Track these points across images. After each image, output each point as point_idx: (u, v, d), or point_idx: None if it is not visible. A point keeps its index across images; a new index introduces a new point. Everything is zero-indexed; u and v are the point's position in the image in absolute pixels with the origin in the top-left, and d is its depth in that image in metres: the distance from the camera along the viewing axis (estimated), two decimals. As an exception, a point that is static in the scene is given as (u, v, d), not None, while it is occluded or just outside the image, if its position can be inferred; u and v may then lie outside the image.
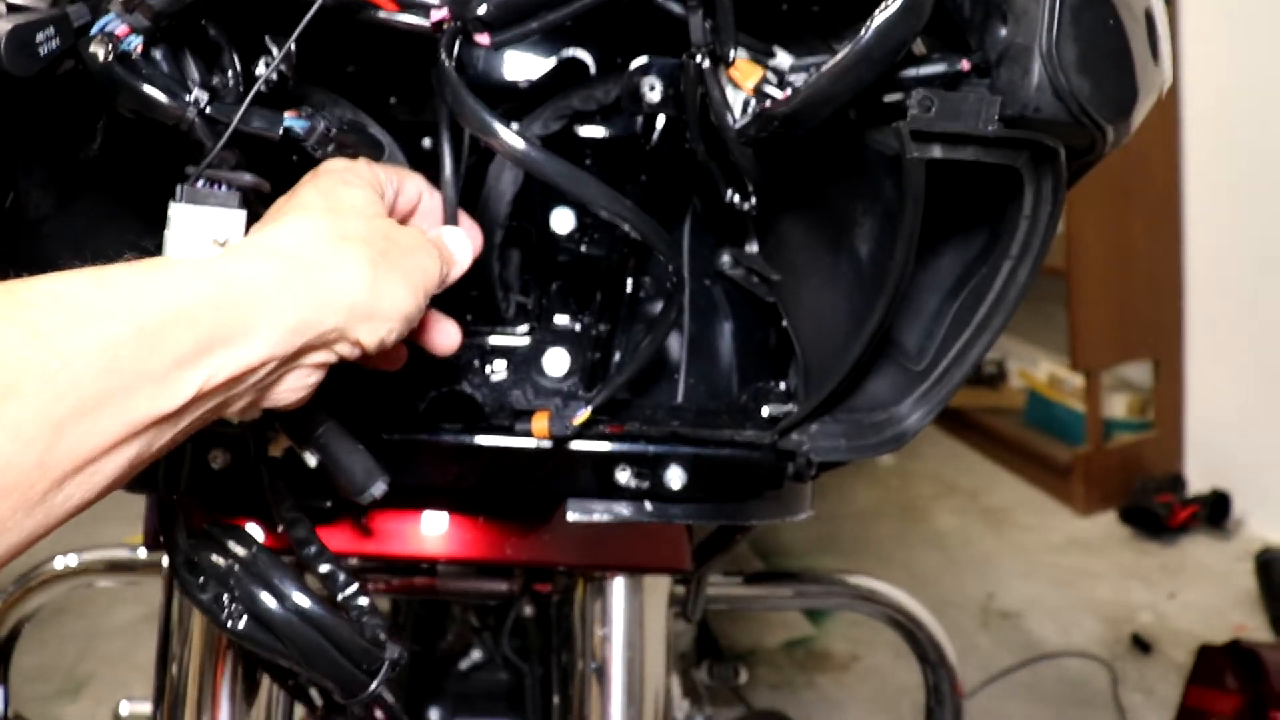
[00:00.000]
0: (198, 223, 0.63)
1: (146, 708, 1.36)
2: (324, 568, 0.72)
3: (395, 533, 0.87)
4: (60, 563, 1.32)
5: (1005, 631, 2.77)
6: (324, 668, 0.69)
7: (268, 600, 0.69)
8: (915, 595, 1.45)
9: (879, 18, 0.64)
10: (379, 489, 0.69)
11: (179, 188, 0.63)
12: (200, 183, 0.63)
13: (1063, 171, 0.69)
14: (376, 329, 0.61)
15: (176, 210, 0.63)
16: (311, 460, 0.68)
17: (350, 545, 0.87)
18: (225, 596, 0.68)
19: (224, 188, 0.64)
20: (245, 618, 0.68)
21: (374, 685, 0.70)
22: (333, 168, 0.68)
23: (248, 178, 0.64)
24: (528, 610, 1.40)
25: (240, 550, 0.70)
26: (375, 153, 0.72)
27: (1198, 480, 3.45)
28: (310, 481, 0.73)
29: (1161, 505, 3.25)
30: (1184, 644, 2.61)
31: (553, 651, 1.16)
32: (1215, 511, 3.26)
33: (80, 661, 2.73)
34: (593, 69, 0.87)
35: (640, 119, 0.86)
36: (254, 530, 0.82)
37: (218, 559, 0.70)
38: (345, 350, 0.62)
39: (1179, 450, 3.56)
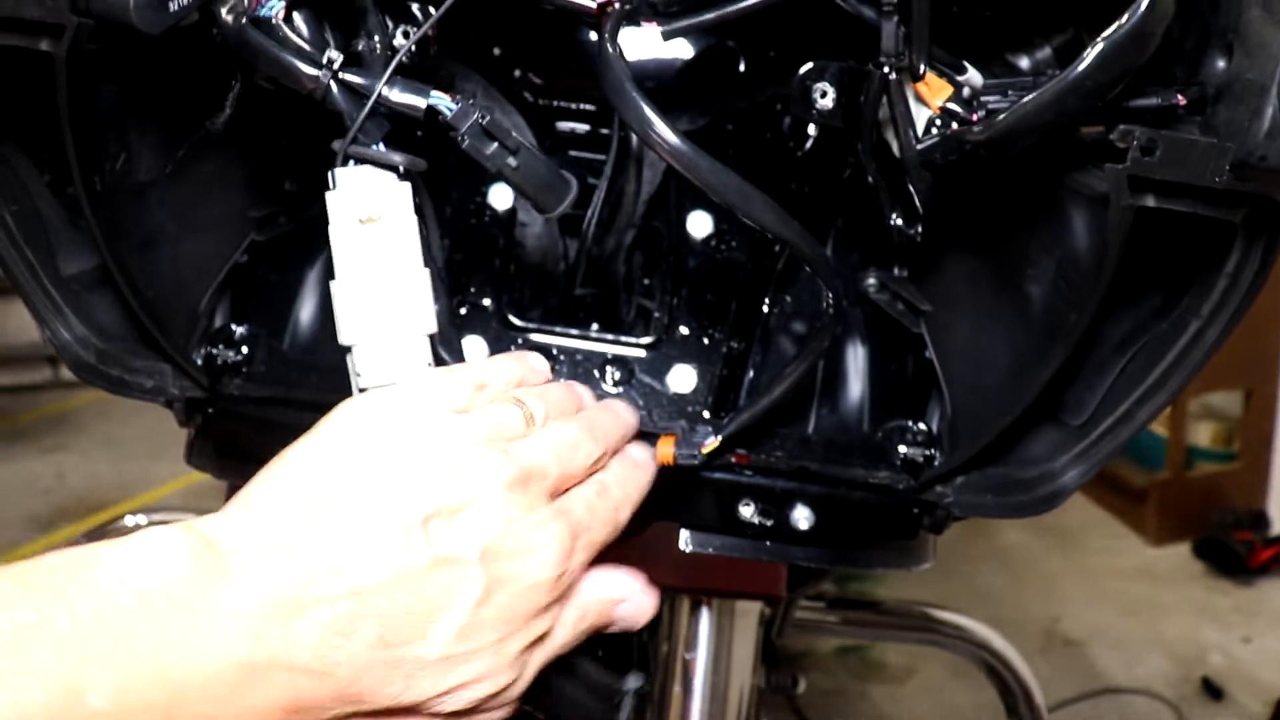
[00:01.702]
0: (357, 206, 0.57)
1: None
2: None
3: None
4: (130, 521, 1.29)
5: (1068, 659, 2.69)
6: (571, 710, 0.64)
7: None
8: (977, 614, 1.39)
9: (1101, 44, 0.56)
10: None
11: (330, 174, 0.57)
12: (353, 164, 0.57)
13: (1281, 230, 0.62)
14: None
15: (333, 200, 0.57)
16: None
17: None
18: None
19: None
20: None
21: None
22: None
23: (398, 156, 0.58)
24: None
25: None
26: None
27: (1282, 520, 3.32)
28: None
29: (1241, 543, 3.12)
30: (1258, 693, 2.51)
31: (634, 666, 1.11)
32: (1299, 555, 3.14)
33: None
34: (743, 63, 0.80)
35: (788, 122, 0.80)
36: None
37: None
38: None
39: (1264, 486, 3.43)
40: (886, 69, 0.62)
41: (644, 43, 0.78)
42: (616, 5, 0.60)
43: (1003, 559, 3.20)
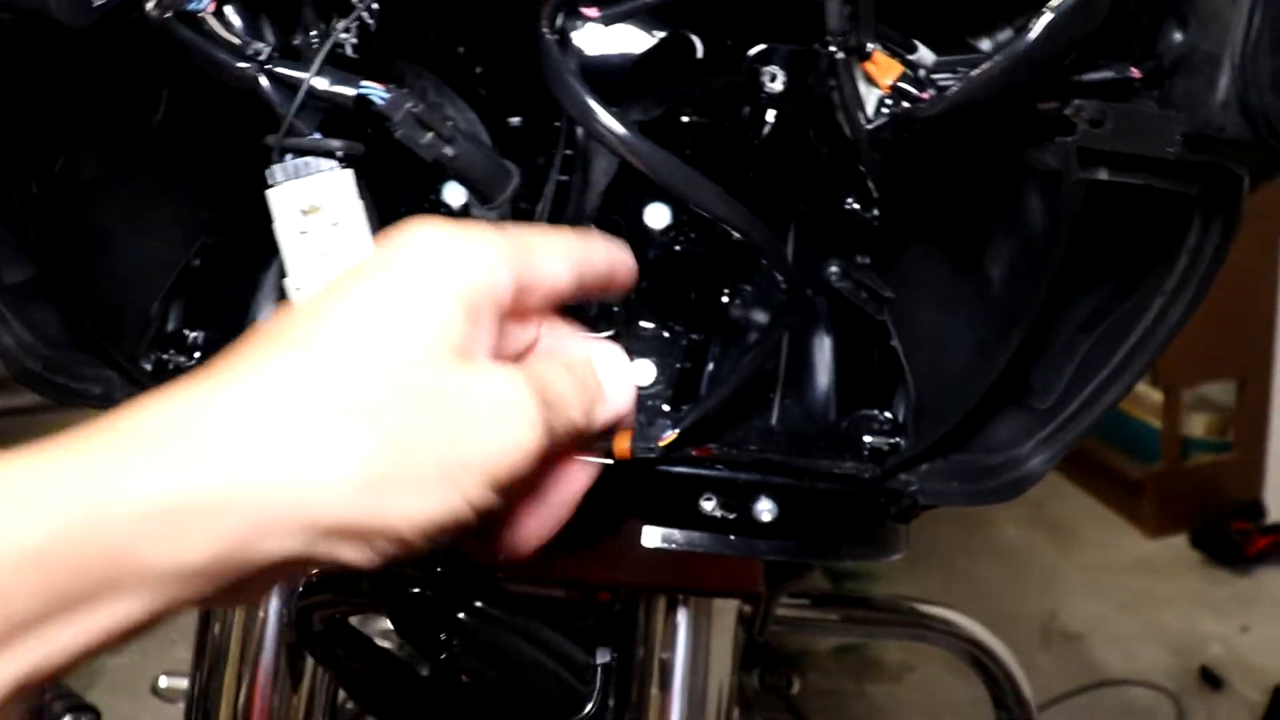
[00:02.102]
0: (299, 200, 0.56)
1: (184, 683, 1.33)
2: None
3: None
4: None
5: (1067, 653, 2.68)
6: (548, 685, 0.62)
7: (485, 627, 0.61)
8: (976, 609, 1.37)
9: (1048, 14, 0.55)
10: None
11: (267, 171, 0.56)
12: (290, 157, 0.55)
13: (1242, 202, 0.61)
14: (371, 548, 0.43)
15: (273, 196, 0.56)
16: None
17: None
18: (444, 634, 0.60)
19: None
20: (465, 649, 0.60)
21: (595, 697, 0.64)
22: (419, 251, 0.47)
23: (335, 142, 0.56)
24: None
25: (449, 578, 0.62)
26: (473, 156, 0.61)
27: (1278, 508, 3.30)
28: None
29: (1238, 532, 3.11)
30: (1257, 682, 2.49)
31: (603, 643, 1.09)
32: (1296, 543, 3.12)
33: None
34: (699, 50, 0.79)
35: (748, 110, 0.78)
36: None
37: (426, 590, 0.61)
38: (322, 564, 0.45)
39: (1259, 475, 3.41)
40: (833, 49, 0.60)
41: (598, 36, 0.77)
42: (555, -8, 0.59)
43: (1000, 554, 3.18)
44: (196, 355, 0.77)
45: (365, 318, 0.44)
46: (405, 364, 0.43)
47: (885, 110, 0.61)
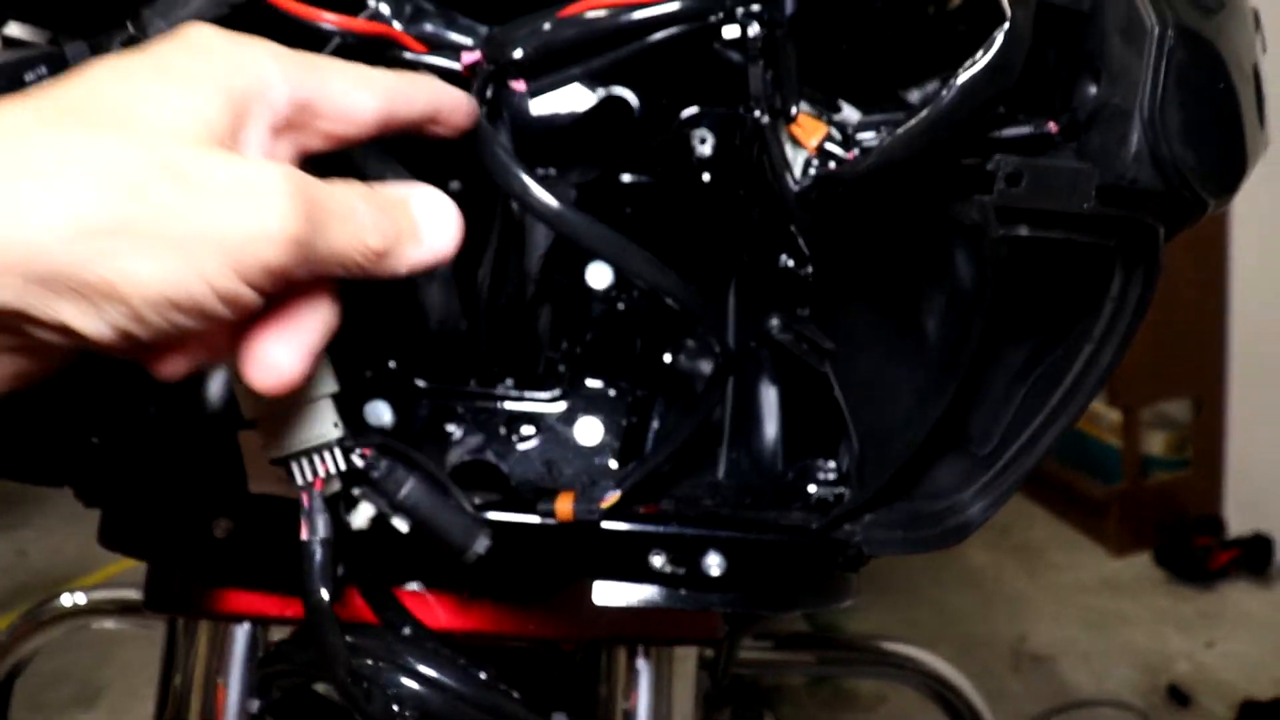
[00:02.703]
0: None
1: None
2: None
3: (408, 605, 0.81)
4: (68, 600, 1.26)
5: (1037, 676, 2.69)
6: None
7: (441, 700, 0.61)
8: (946, 636, 1.38)
9: (963, 75, 0.57)
10: (482, 545, 0.62)
11: None
12: None
13: (1159, 252, 0.62)
14: (99, 313, 0.39)
15: None
16: (403, 526, 0.62)
17: (355, 616, 0.81)
18: (396, 706, 0.60)
19: None
20: None
21: None
22: (193, 42, 0.45)
23: None
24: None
25: (401, 648, 0.62)
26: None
27: (1238, 523, 3.35)
28: (396, 550, 0.66)
29: (1200, 548, 3.15)
30: (1224, 696, 2.52)
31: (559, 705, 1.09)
32: (1256, 556, 3.16)
33: (97, 669, 2.69)
34: (637, 109, 0.81)
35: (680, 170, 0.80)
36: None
37: (379, 661, 0.61)
38: (49, 336, 0.41)
39: (1218, 491, 3.46)
40: (758, 113, 0.62)
41: (534, 99, 0.78)
42: (483, 65, 0.60)
43: (970, 580, 3.20)
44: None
45: (120, 87, 0.42)
46: (151, 131, 0.41)
47: (812, 171, 0.63)
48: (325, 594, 0.57)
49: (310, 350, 0.49)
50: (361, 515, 0.61)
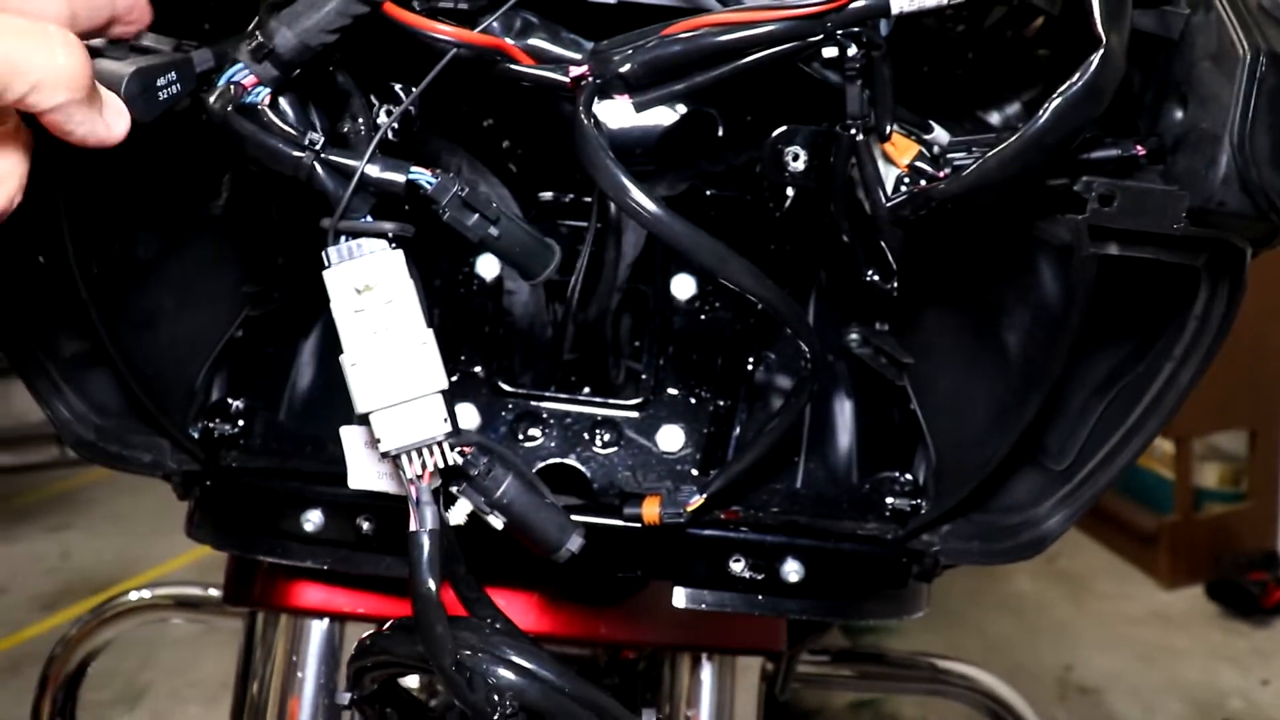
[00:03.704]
0: (354, 280, 0.59)
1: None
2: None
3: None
4: (135, 596, 1.30)
5: (1084, 708, 2.66)
6: None
7: (539, 690, 0.63)
8: (990, 662, 1.38)
9: (1057, 100, 0.58)
10: (575, 543, 0.64)
11: (324, 254, 0.58)
12: (344, 239, 0.58)
13: (1246, 272, 0.63)
14: None
15: (330, 276, 0.59)
16: (497, 523, 0.63)
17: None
18: (497, 696, 0.62)
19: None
20: (519, 712, 0.62)
21: None
22: None
23: (387, 224, 0.59)
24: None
25: (498, 640, 0.64)
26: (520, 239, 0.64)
27: (1294, 559, 3.29)
28: (493, 547, 0.67)
29: (1254, 583, 3.10)
30: (1279, 737, 2.48)
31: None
32: (1313, 594, 3.11)
33: (140, 670, 2.74)
34: (721, 128, 0.83)
35: (767, 184, 0.82)
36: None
37: (478, 653, 0.63)
38: None
39: (1274, 525, 3.40)
40: (853, 131, 0.64)
41: (623, 113, 0.81)
42: (590, 79, 0.62)
43: (1014, 607, 3.17)
44: (239, 423, 0.80)
45: None
46: None
47: (904, 188, 0.64)
48: (433, 584, 0.59)
49: None
50: (459, 512, 0.63)
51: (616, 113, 0.82)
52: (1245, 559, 3.22)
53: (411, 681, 1.24)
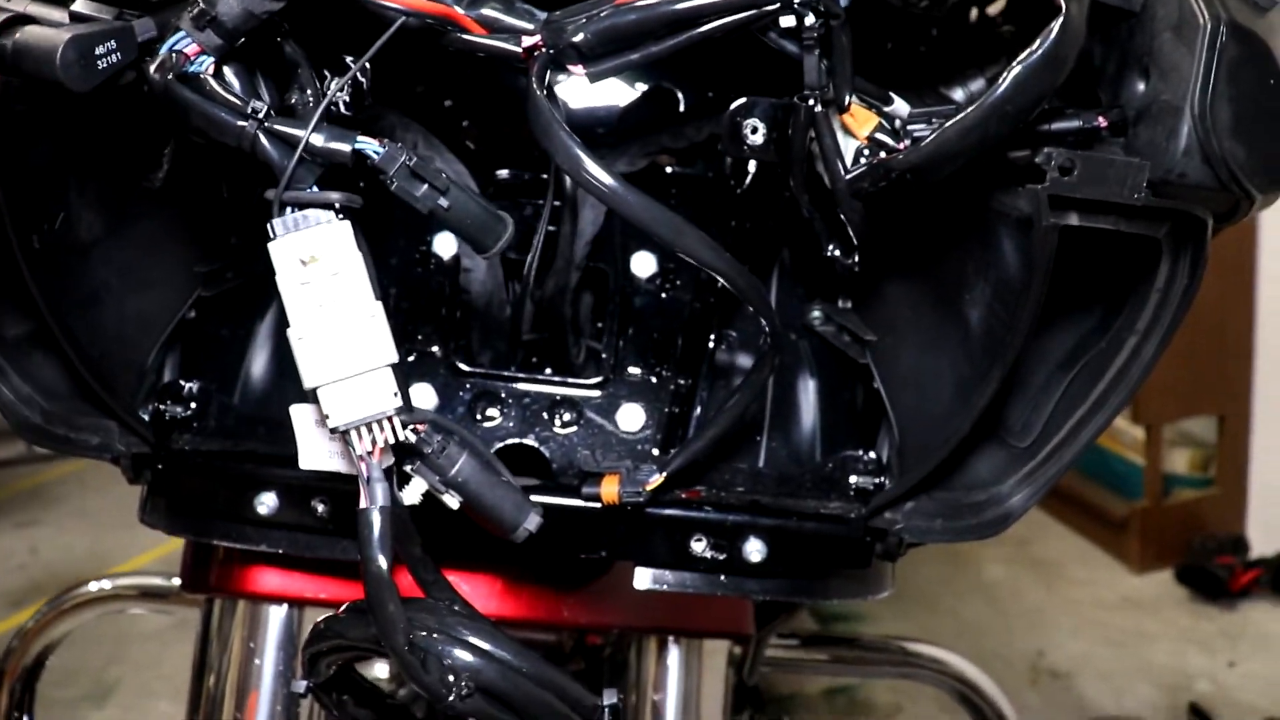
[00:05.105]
0: (299, 251, 0.57)
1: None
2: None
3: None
4: (94, 586, 1.27)
5: (1055, 692, 2.68)
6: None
7: (495, 671, 0.61)
8: (963, 648, 1.38)
9: (1017, 68, 0.57)
10: (533, 523, 0.63)
11: (269, 225, 0.57)
12: (289, 210, 0.57)
13: (1207, 244, 0.63)
14: None
15: (275, 248, 0.57)
16: (453, 502, 0.62)
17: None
18: (451, 677, 0.61)
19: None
20: (475, 693, 0.61)
21: None
22: None
23: (334, 195, 0.58)
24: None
25: (454, 621, 0.63)
26: (471, 210, 0.62)
27: (1262, 543, 3.32)
28: (451, 529, 0.66)
29: (1222, 567, 3.12)
30: (1246, 717, 2.50)
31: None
32: (1280, 577, 3.13)
33: (108, 666, 2.70)
34: (682, 103, 0.82)
35: (729, 160, 0.81)
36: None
37: (433, 633, 0.62)
38: None
39: (1242, 510, 3.43)
40: (811, 102, 0.63)
41: (585, 89, 0.79)
42: (543, 49, 0.61)
43: (987, 593, 3.19)
44: (192, 406, 0.78)
45: None
46: None
47: (863, 160, 0.64)
48: (384, 562, 0.57)
49: None
50: (413, 491, 0.62)
51: (576, 90, 0.81)
52: (1214, 543, 3.25)
53: (382, 672, 1.22)
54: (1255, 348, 3.37)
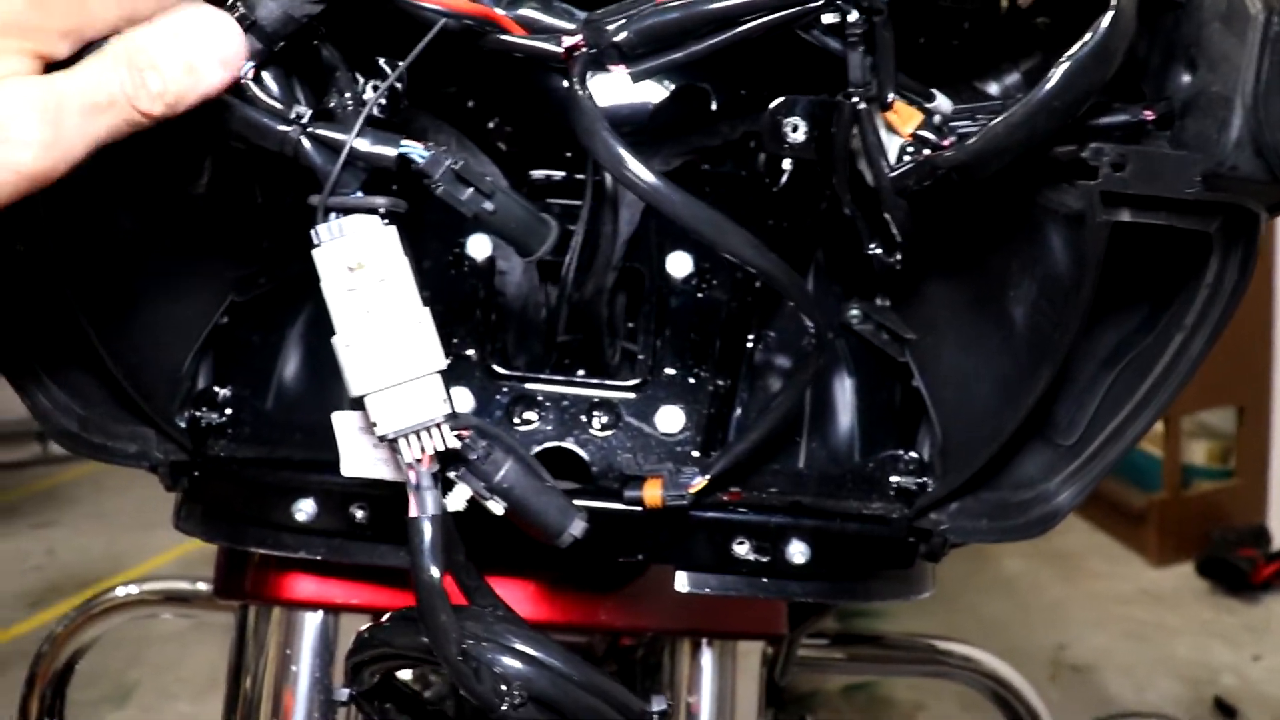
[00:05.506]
0: (346, 258, 0.56)
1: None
2: None
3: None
4: (122, 591, 1.28)
5: (1077, 686, 2.67)
6: None
7: (547, 679, 0.61)
8: (984, 643, 1.37)
9: (1066, 63, 0.57)
10: (578, 528, 0.62)
11: (313, 232, 0.56)
12: (334, 216, 0.56)
13: (1258, 239, 0.62)
14: None
15: (320, 255, 0.56)
16: (498, 509, 0.61)
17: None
18: (505, 685, 0.59)
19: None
20: (527, 702, 0.60)
21: None
22: None
23: (378, 199, 0.57)
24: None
25: (502, 629, 0.62)
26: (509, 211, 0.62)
27: (1284, 535, 3.31)
28: (494, 533, 0.64)
29: (1244, 559, 3.11)
30: (1272, 710, 2.49)
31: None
32: (1303, 569, 3.12)
33: (128, 668, 2.71)
34: (714, 102, 0.81)
35: (765, 158, 0.80)
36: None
37: (482, 642, 0.61)
38: None
39: (1263, 501, 3.42)
40: (855, 99, 0.62)
41: (616, 88, 0.79)
42: (583, 49, 0.60)
43: (1006, 587, 3.18)
44: (227, 412, 0.78)
45: None
46: None
47: (908, 158, 0.63)
48: (436, 571, 0.57)
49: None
50: (458, 498, 0.61)
51: (606, 89, 0.80)
52: (1235, 535, 3.24)
53: (404, 674, 1.22)
54: (1274, 338, 3.35)
